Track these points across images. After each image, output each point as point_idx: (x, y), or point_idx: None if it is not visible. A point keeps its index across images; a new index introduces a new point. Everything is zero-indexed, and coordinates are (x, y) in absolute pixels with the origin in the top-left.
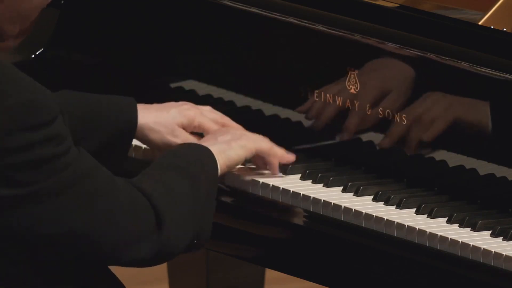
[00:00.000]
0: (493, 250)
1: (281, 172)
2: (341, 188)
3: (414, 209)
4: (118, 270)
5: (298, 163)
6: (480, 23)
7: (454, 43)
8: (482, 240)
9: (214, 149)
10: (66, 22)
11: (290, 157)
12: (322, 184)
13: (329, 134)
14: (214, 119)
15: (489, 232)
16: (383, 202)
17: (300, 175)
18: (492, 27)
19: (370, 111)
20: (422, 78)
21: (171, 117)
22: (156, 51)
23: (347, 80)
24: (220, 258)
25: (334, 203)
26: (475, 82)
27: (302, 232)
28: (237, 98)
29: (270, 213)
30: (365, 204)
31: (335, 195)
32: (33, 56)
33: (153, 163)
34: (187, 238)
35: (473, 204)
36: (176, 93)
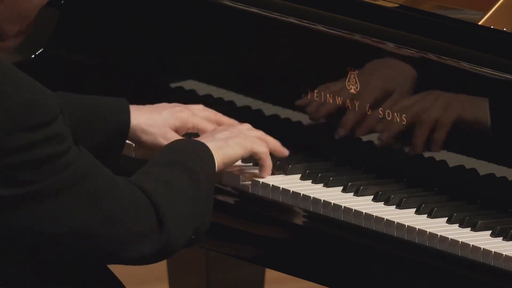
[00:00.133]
0: (493, 250)
1: (281, 172)
2: (341, 188)
3: (414, 209)
4: (118, 270)
5: (298, 163)
6: (480, 23)
7: (454, 43)
8: (482, 240)
9: (212, 146)
10: (66, 22)
11: (285, 151)
12: (322, 184)
13: (329, 134)
14: (207, 118)
15: (489, 232)
16: (383, 202)
17: (300, 175)
18: (492, 27)
19: (370, 111)
20: (422, 78)
21: (163, 119)
22: (156, 51)
23: (347, 80)
24: (220, 258)
25: (334, 203)
26: (475, 82)
27: (302, 232)
28: (237, 98)
29: (270, 213)
30: (365, 204)
31: (335, 195)
32: (33, 56)
33: (152, 160)
34: (188, 235)
35: (473, 204)
36: (176, 93)
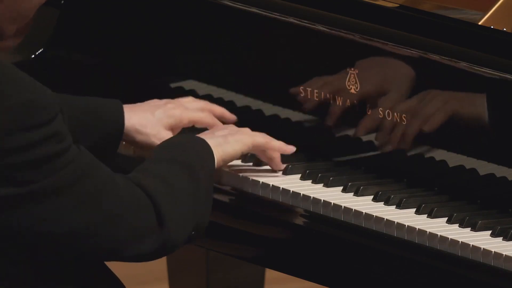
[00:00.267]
0: (493, 250)
1: (281, 172)
2: (341, 188)
3: (414, 209)
4: (118, 270)
5: (298, 163)
6: (480, 23)
7: (454, 43)
8: (482, 240)
9: (211, 143)
10: (66, 22)
11: (290, 148)
12: (322, 184)
13: (329, 134)
14: (200, 108)
15: (489, 232)
16: (383, 202)
17: (300, 175)
18: (492, 27)
19: (370, 111)
20: (422, 78)
21: (157, 119)
22: (156, 51)
23: (347, 80)
24: (220, 258)
25: (334, 203)
26: (475, 82)
27: (302, 232)
28: (237, 98)
29: (270, 213)
30: (365, 204)
31: (335, 195)
32: (33, 56)
33: (151, 157)
34: (187, 232)
35: (473, 204)
36: (176, 93)
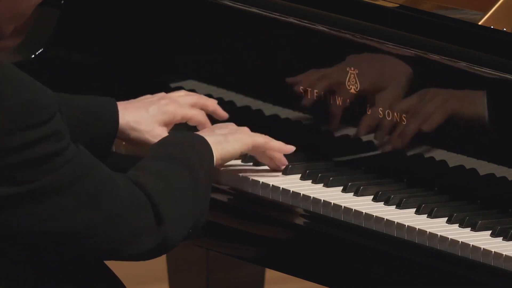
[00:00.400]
0: (493, 250)
1: (281, 172)
2: (341, 188)
3: (414, 209)
4: (118, 270)
5: (298, 163)
6: (480, 23)
7: (454, 43)
8: (482, 240)
9: (211, 140)
10: (66, 22)
11: (289, 148)
12: (322, 184)
13: (329, 134)
14: (193, 103)
15: (489, 232)
16: (383, 202)
17: (300, 175)
18: (492, 27)
19: (370, 111)
20: (422, 78)
21: (151, 116)
22: (156, 51)
23: (347, 80)
24: (220, 258)
25: (334, 203)
26: (475, 82)
27: (302, 232)
28: (237, 98)
29: (270, 213)
30: (365, 204)
31: (335, 195)
32: (33, 56)
33: (150, 154)
34: (186, 229)
35: (473, 204)
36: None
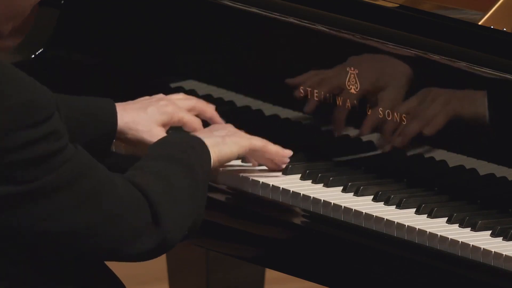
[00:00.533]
0: (493, 250)
1: (281, 172)
2: (341, 188)
3: (414, 209)
4: (118, 270)
5: (298, 163)
6: (480, 23)
7: (454, 43)
8: (482, 240)
9: (208, 142)
10: (66, 22)
11: (286, 152)
12: (322, 184)
13: (329, 134)
14: (191, 108)
15: (489, 232)
16: (383, 202)
17: (300, 175)
18: (492, 27)
19: (370, 111)
20: (422, 78)
21: (149, 116)
22: (156, 51)
23: (347, 80)
24: (220, 258)
25: (334, 203)
26: (475, 82)
27: (302, 232)
28: (237, 98)
29: (270, 213)
30: (365, 204)
31: (335, 195)
32: (33, 56)
33: (147, 154)
34: (185, 229)
35: (473, 204)
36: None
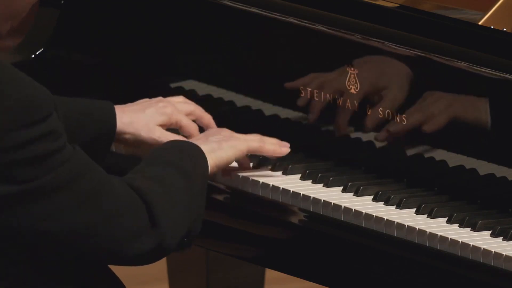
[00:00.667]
0: (493, 250)
1: (281, 172)
2: (341, 188)
3: (414, 209)
4: (118, 270)
5: (298, 163)
6: (480, 23)
7: (454, 43)
8: (482, 240)
9: (205, 148)
10: (66, 22)
11: (284, 149)
12: (322, 184)
13: (329, 134)
14: (189, 112)
15: (489, 232)
16: (383, 202)
17: (300, 175)
18: (492, 27)
19: (370, 111)
20: (422, 78)
21: (148, 117)
22: (156, 51)
23: (347, 80)
24: (220, 258)
25: (334, 203)
26: (475, 82)
27: (302, 232)
28: (237, 98)
29: (270, 213)
30: (365, 204)
31: (335, 195)
32: (33, 56)
33: (146, 159)
34: (182, 234)
35: (473, 204)
36: (176, 93)
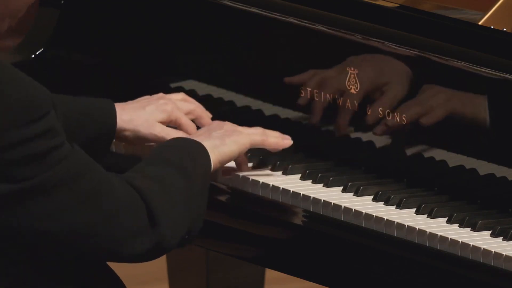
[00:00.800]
0: (493, 250)
1: (281, 172)
2: (341, 188)
3: (414, 209)
4: (118, 270)
5: (298, 163)
6: (480, 23)
7: (454, 43)
8: (482, 240)
9: (207, 145)
10: (66, 22)
11: (287, 142)
12: (322, 184)
13: (329, 134)
14: (190, 110)
15: (489, 232)
16: (383, 202)
17: (300, 175)
18: (492, 27)
19: (370, 111)
20: (422, 78)
21: (148, 114)
22: (156, 51)
23: (347, 80)
24: (220, 258)
25: (334, 203)
26: (475, 82)
27: (302, 232)
28: (237, 98)
29: (270, 213)
30: (365, 204)
31: (335, 195)
32: (33, 56)
33: (146, 158)
34: (181, 232)
35: (473, 204)
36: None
